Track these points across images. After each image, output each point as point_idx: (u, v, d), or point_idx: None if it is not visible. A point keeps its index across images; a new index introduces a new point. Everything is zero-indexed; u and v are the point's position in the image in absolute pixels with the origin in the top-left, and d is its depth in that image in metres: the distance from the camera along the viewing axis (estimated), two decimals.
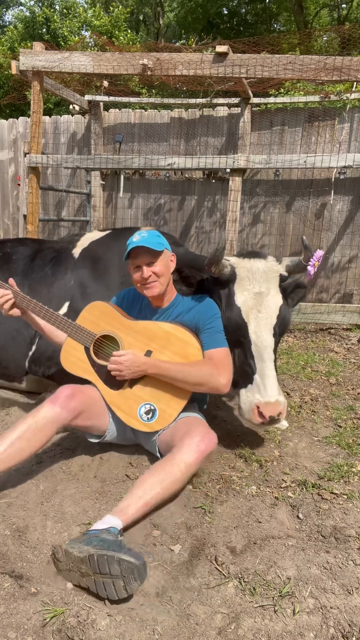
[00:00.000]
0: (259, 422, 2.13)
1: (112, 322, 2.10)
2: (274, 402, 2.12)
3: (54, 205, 6.51)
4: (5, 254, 3.08)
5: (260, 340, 2.20)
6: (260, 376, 2.17)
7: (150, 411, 2.03)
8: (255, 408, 2.13)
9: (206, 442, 1.83)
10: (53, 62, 4.33)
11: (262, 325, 2.22)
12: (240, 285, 2.27)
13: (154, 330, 2.06)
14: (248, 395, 2.19)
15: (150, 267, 2.03)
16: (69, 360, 2.12)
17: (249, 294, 2.25)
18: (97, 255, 2.87)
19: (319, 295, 5.80)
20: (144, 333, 2.06)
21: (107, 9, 11.72)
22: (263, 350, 2.19)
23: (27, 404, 2.82)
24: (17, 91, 7.03)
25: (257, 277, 2.27)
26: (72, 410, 1.90)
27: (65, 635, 1.31)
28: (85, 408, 1.97)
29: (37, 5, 11.38)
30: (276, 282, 2.30)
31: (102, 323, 2.10)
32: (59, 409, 1.88)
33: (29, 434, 1.82)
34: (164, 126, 5.98)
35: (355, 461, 2.21)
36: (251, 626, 1.34)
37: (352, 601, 1.42)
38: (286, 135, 5.65)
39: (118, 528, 1.58)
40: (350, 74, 3.89)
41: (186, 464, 1.77)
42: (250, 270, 2.28)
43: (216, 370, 1.98)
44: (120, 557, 1.40)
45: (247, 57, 4.02)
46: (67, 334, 2.10)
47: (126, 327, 2.09)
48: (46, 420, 1.85)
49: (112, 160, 4.65)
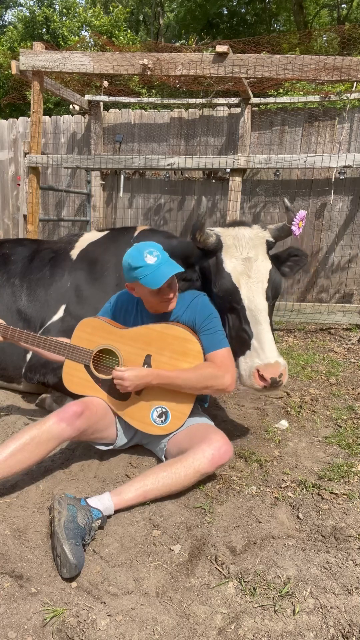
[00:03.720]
0: (261, 386, 2.08)
1: (105, 335, 2.08)
2: (273, 363, 2.07)
3: (54, 205, 6.51)
4: (3, 254, 3.08)
5: (253, 304, 2.18)
6: (257, 340, 2.13)
7: (163, 413, 2.03)
8: (256, 372, 2.08)
9: (222, 453, 1.83)
10: (53, 62, 4.33)
11: (254, 289, 2.20)
12: (227, 253, 2.26)
13: (147, 334, 2.05)
14: (247, 361, 2.14)
15: (171, 287, 2.01)
16: (72, 382, 2.10)
17: (237, 260, 2.24)
18: (94, 258, 2.87)
19: (319, 295, 5.81)
20: (139, 339, 2.05)
21: (106, 9, 11.71)
22: (258, 313, 2.17)
23: (27, 404, 2.83)
24: (17, 91, 7.03)
25: (244, 243, 2.26)
26: (78, 428, 1.90)
27: (65, 635, 1.31)
28: (92, 424, 1.97)
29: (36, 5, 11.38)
30: (264, 248, 2.30)
31: (96, 338, 2.08)
32: (65, 425, 1.87)
33: (31, 447, 1.82)
34: (164, 126, 5.98)
35: (355, 461, 2.21)
36: (251, 626, 1.34)
37: (352, 601, 1.42)
38: (286, 135, 5.65)
39: (104, 513, 1.70)
40: (350, 74, 3.89)
41: (196, 469, 1.79)
42: (236, 238, 2.28)
43: (219, 371, 1.98)
44: (63, 546, 1.51)
45: (247, 57, 4.02)
46: (65, 357, 2.08)
47: (120, 336, 2.07)
48: (50, 435, 1.85)
49: (112, 160, 4.65)
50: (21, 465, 1.82)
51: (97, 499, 1.72)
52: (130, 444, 2.21)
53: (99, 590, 1.45)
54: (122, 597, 1.43)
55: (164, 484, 1.78)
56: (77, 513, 1.61)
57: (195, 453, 1.82)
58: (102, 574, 1.51)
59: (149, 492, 1.78)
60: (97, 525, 1.66)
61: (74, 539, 1.53)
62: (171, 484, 1.79)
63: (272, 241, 2.34)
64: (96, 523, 1.65)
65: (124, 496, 1.76)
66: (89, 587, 1.47)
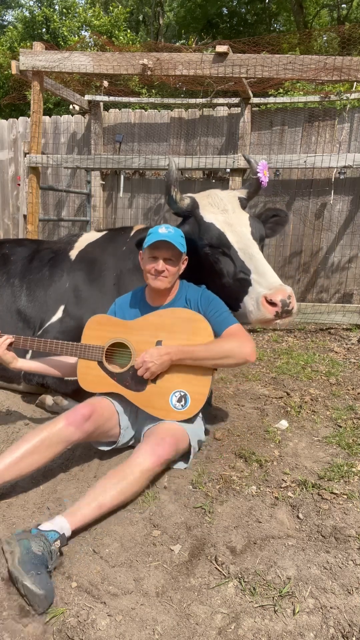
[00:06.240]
0: (273, 313, 2.05)
1: (113, 328, 2.10)
2: (279, 286, 2.07)
3: (54, 205, 6.51)
4: (3, 254, 3.08)
5: (242, 242, 2.21)
6: (256, 273, 2.14)
7: (182, 397, 2.04)
8: (263, 299, 2.07)
9: (162, 449, 1.83)
10: (53, 62, 4.33)
11: (239, 230, 2.25)
12: (205, 209, 2.33)
13: (155, 321, 2.07)
14: (252, 295, 2.14)
15: (167, 263, 2.05)
16: (87, 380, 2.10)
17: (215, 212, 2.30)
18: (92, 258, 2.87)
19: (319, 295, 5.80)
20: (147, 327, 2.07)
21: (106, 9, 11.71)
22: (250, 249, 2.19)
23: (27, 404, 2.83)
24: (17, 91, 7.03)
25: (218, 201, 2.34)
26: (86, 431, 1.92)
27: (65, 635, 1.31)
28: (99, 426, 1.98)
29: (36, 5, 11.38)
30: (238, 203, 2.37)
31: (105, 333, 2.09)
32: (73, 429, 1.88)
33: (42, 449, 1.82)
34: (164, 126, 5.98)
35: (355, 461, 2.21)
36: (251, 626, 1.34)
37: (352, 601, 1.42)
38: (286, 135, 5.64)
39: (60, 533, 1.56)
40: (350, 74, 3.89)
41: (141, 469, 1.78)
42: (210, 196, 2.37)
43: (239, 341, 2.01)
44: (24, 582, 1.38)
45: (247, 57, 4.02)
46: (77, 356, 2.09)
47: (128, 327, 2.09)
48: (59, 438, 1.85)
49: (112, 160, 4.65)
50: (31, 468, 1.82)
51: (50, 522, 1.59)
52: (129, 443, 2.22)
53: (99, 590, 1.45)
54: (122, 597, 1.43)
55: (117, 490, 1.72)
56: (31, 543, 1.48)
57: (138, 453, 1.82)
58: (102, 574, 1.51)
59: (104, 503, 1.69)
60: (58, 546, 1.53)
61: (34, 570, 1.41)
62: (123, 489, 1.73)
63: (243, 197, 2.42)
64: (56, 545, 1.52)
65: (77, 513, 1.63)
66: (89, 587, 1.47)
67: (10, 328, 2.81)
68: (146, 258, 2.10)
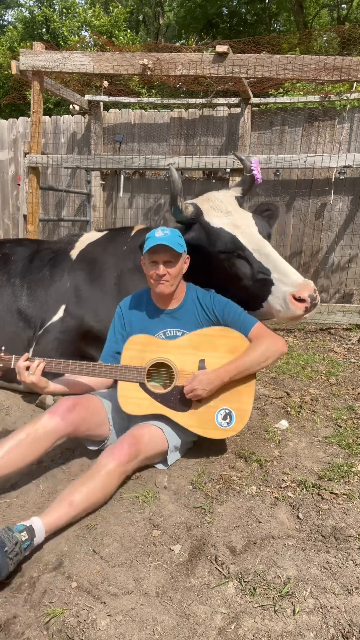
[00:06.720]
0: (302, 309, 2.10)
1: (155, 348, 2.07)
2: (303, 283, 2.11)
3: (54, 205, 6.51)
4: (4, 254, 3.08)
5: (256, 243, 2.23)
6: (276, 272, 2.17)
7: (227, 415, 2.07)
8: (291, 297, 2.10)
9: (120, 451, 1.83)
10: (53, 62, 4.33)
11: (249, 232, 2.27)
12: (209, 214, 2.34)
13: (194, 340, 2.08)
14: (277, 294, 2.17)
15: (167, 266, 2.04)
16: (129, 403, 2.05)
17: (220, 216, 2.32)
18: (93, 258, 2.87)
19: (319, 295, 5.80)
20: (187, 345, 2.07)
21: (106, 9, 11.71)
22: (264, 249, 2.22)
23: (27, 404, 2.83)
24: (17, 91, 7.03)
25: (219, 203, 2.36)
26: (71, 422, 1.91)
27: (65, 635, 1.31)
28: (85, 420, 1.98)
29: (36, 5, 11.38)
30: (236, 203, 2.41)
31: (146, 354, 2.06)
32: (59, 419, 1.88)
33: (27, 443, 1.82)
34: (164, 126, 5.98)
35: (355, 461, 2.21)
36: (251, 626, 1.34)
37: (352, 601, 1.42)
38: (286, 135, 5.65)
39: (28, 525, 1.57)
40: (350, 74, 3.89)
41: (107, 470, 1.78)
42: (210, 200, 2.38)
43: (269, 339, 2.07)
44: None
45: (247, 57, 4.02)
46: (117, 379, 2.06)
47: (169, 347, 2.07)
48: (45, 430, 1.85)
49: (112, 160, 4.65)
50: (17, 463, 1.82)
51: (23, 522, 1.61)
52: None
53: (99, 590, 1.45)
54: (122, 597, 1.43)
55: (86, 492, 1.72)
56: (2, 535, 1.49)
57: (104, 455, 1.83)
58: (102, 574, 1.51)
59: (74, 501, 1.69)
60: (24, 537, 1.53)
61: None
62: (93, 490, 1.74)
63: (240, 196, 2.47)
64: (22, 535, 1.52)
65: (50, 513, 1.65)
66: (89, 587, 1.47)
67: (10, 328, 2.81)
68: (147, 264, 2.09)
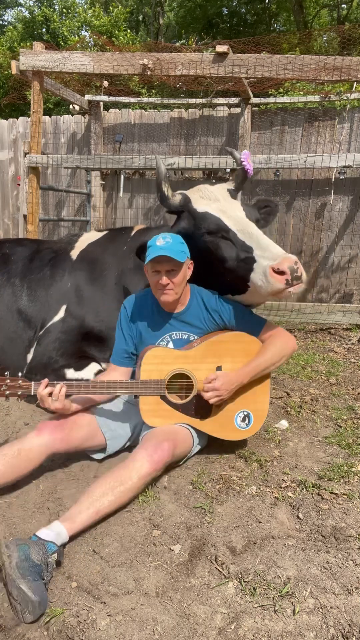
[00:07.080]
0: (284, 282, 1.99)
1: (171, 361, 2.06)
2: (283, 254, 2.04)
3: (54, 205, 6.51)
4: (4, 254, 3.08)
5: (240, 224, 2.22)
6: (258, 248, 2.13)
7: (246, 417, 2.14)
8: (270, 271, 2.02)
9: (159, 454, 1.82)
10: (53, 62, 4.33)
11: (233, 215, 2.25)
12: (197, 202, 2.33)
13: (209, 348, 2.09)
14: (258, 270, 2.10)
15: (170, 275, 2.01)
16: (152, 416, 2.04)
17: (208, 203, 2.31)
18: (93, 258, 2.87)
19: (319, 295, 5.80)
20: (203, 355, 2.08)
21: (106, 9, 11.71)
22: (247, 228, 2.19)
23: (27, 405, 2.82)
24: (17, 91, 7.03)
25: (208, 193, 2.35)
26: (62, 439, 1.93)
27: (65, 635, 1.31)
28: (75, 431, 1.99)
29: (36, 5, 11.38)
30: (227, 194, 2.39)
31: (164, 367, 2.06)
32: (47, 436, 1.90)
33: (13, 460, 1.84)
34: (164, 126, 5.98)
35: (355, 461, 2.21)
36: (251, 626, 1.34)
37: (352, 601, 1.42)
38: (286, 135, 5.65)
39: (58, 545, 1.53)
40: (350, 74, 3.89)
41: (139, 474, 1.77)
42: (200, 190, 2.38)
43: (281, 338, 2.12)
44: (20, 585, 1.36)
45: (247, 57, 4.02)
46: (138, 394, 2.04)
47: (185, 357, 2.07)
48: (32, 446, 1.87)
49: (112, 160, 4.65)
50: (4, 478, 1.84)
51: (47, 529, 1.57)
52: (125, 445, 2.21)
53: (99, 590, 1.45)
54: (122, 597, 1.43)
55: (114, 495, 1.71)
56: (30, 550, 1.45)
57: (135, 458, 1.81)
58: (102, 574, 1.52)
59: (101, 509, 1.68)
60: (55, 559, 1.51)
61: (31, 576, 1.39)
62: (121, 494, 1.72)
63: (232, 189, 2.44)
64: (53, 557, 1.50)
65: (75, 519, 1.63)
66: (89, 587, 1.47)
67: (11, 328, 2.81)
68: (150, 272, 2.07)
